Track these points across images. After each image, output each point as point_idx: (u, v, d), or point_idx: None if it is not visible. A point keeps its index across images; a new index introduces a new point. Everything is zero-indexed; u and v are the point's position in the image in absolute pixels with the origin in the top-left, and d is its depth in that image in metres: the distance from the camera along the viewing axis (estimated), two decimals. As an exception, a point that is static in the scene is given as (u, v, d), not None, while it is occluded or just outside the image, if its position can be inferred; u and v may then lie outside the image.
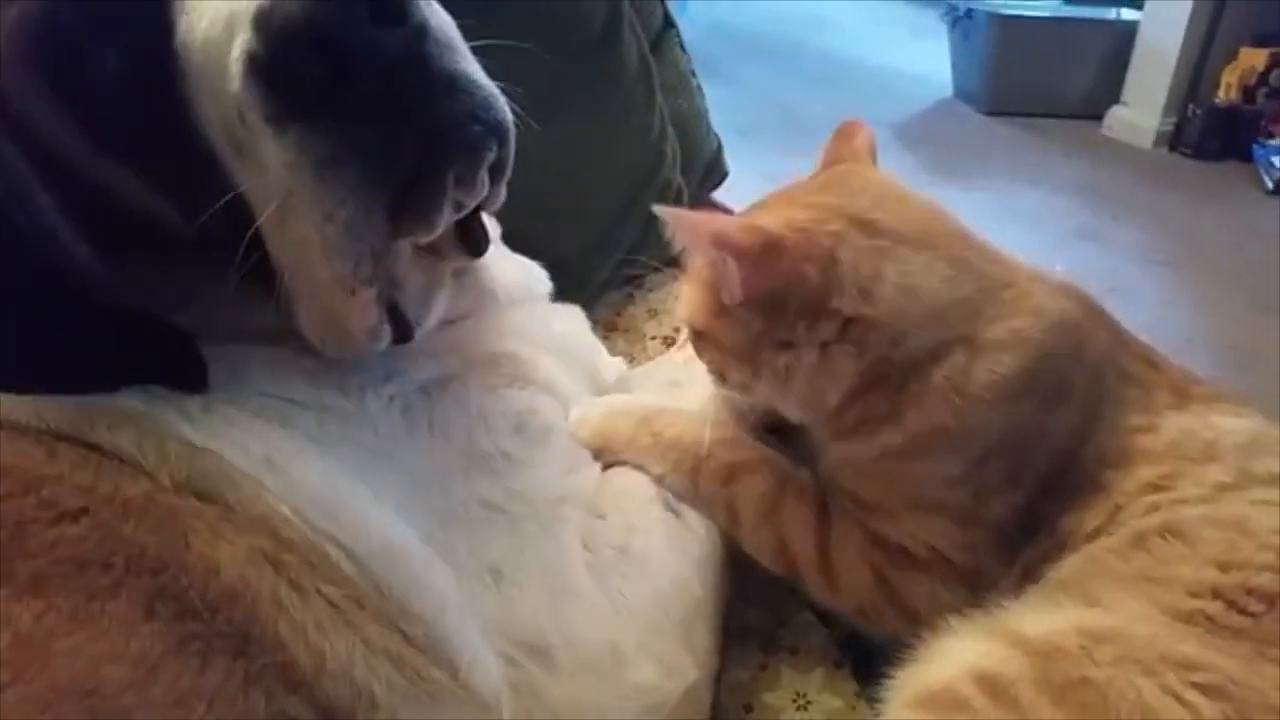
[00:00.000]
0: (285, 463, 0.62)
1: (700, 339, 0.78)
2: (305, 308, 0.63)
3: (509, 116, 0.62)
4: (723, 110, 1.53)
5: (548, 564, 0.71)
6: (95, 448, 0.59)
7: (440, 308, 0.73)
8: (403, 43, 0.55)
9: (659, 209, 0.73)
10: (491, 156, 0.62)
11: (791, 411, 0.76)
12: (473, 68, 0.60)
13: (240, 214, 0.58)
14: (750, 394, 0.78)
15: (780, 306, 0.70)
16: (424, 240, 0.64)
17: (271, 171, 0.55)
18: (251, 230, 0.58)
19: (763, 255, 0.68)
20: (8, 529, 0.54)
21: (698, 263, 0.76)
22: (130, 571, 0.54)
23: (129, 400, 0.61)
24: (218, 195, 0.57)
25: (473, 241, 0.73)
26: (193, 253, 0.62)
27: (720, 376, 0.79)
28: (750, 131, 3.79)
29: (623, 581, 0.73)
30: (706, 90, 1.48)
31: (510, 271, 0.87)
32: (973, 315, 0.69)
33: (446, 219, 0.62)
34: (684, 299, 0.78)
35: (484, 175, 0.63)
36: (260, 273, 0.60)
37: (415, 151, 0.57)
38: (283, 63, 0.52)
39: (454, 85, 0.58)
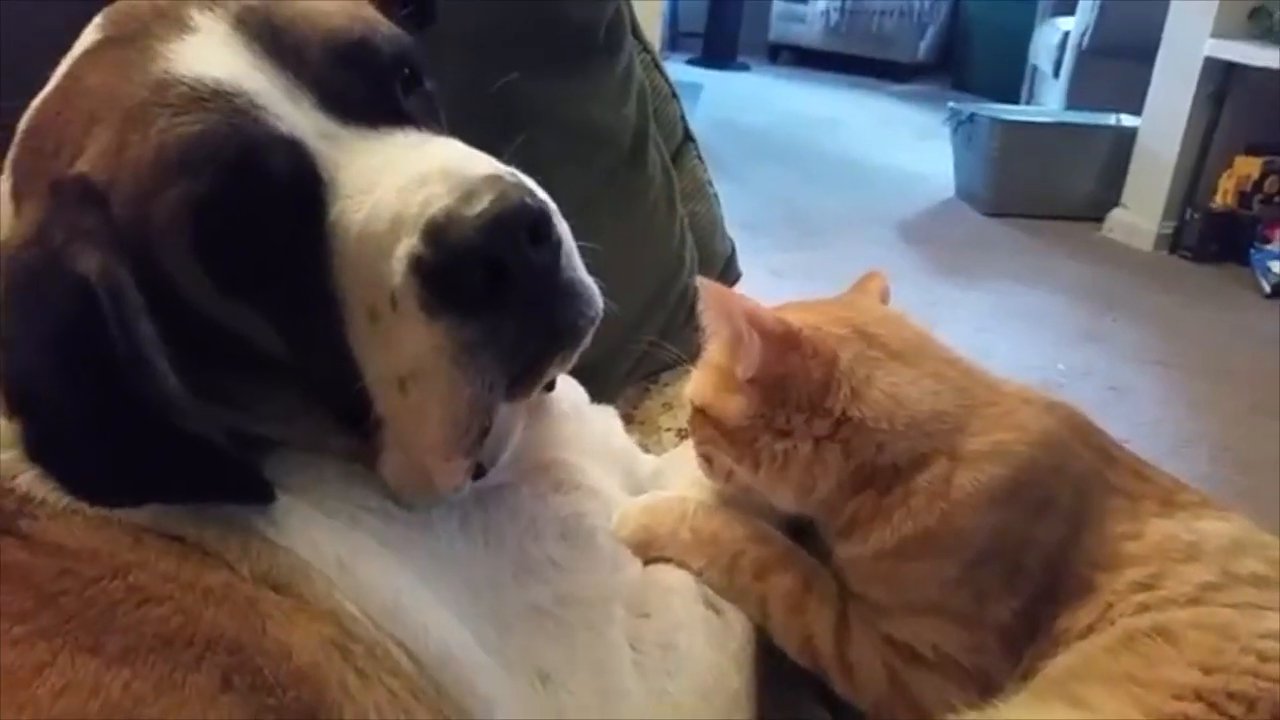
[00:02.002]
0: (353, 564, 0.67)
1: (700, 416, 0.84)
2: (395, 460, 0.69)
3: (602, 307, 0.71)
4: (730, 206, 1.59)
5: (596, 665, 0.75)
6: (178, 539, 0.64)
7: (511, 447, 0.80)
8: (546, 257, 0.65)
9: (701, 280, 0.83)
10: (587, 340, 0.72)
11: (781, 500, 0.82)
12: (583, 270, 0.70)
13: (350, 365, 0.65)
14: (731, 481, 0.85)
15: (783, 396, 0.78)
16: (520, 402, 0.74)
17: (410, 347, 0.63)
18: (342, 373, 0.65)
19: (783, 341, 0.77)
20: (99, 607, 0.59)
21: (714, 346, 0.84)
22: (210, 649, 0.59)
23: None
24: (333, 345, 0.65)
25: (549, 382, 0.82)
26: (289, 381, 0.68)
27: (707, 461, 0.86)
28: (756, 227, 3.86)
29: (668, 679, 0.77)
30: (714, 186, 1.55)
31: (557, 383, 0.92)
32: (955, 430, 0.76)
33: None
34: (693, 379, 0.86)
35: (578, 351, 0.72)
36: (349, 411, 0.67)
37: (539, 341, 0.67)
38: (449, 272, 0.60)
39: (573, 288, 0.68)
